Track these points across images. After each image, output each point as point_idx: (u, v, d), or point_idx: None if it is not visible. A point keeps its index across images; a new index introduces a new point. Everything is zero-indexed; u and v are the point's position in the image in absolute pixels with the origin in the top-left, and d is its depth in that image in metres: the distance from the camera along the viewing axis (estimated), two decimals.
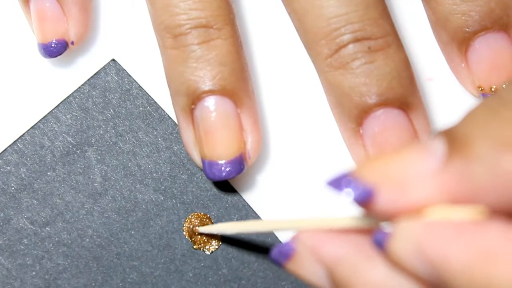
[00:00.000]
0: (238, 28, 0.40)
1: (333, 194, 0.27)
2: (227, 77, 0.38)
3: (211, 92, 0.38)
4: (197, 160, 0.39)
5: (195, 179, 0.41)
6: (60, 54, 0.41)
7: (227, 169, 0.38)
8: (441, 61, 0.42)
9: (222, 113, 0.38)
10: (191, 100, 0.38)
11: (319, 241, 0.29)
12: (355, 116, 0.38)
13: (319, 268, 0.29)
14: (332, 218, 0.29)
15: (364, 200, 0.26)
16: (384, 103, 0.38)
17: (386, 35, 0.38)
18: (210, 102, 0.38)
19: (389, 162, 0.27)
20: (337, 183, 0.27)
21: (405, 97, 0.38)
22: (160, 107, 0.42)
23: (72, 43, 0.41)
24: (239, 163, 0.39)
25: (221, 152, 0.38)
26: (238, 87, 0.39)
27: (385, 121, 0.38)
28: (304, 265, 0.30)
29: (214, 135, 0.38)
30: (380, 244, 0.27)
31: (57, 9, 0.40)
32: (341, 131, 0.40)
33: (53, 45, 0.41)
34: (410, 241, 0.25)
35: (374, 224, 0.28)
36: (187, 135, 0.39)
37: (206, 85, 0.38)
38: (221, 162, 0.38)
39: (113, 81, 0.42)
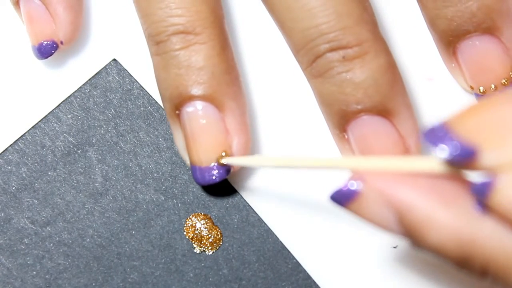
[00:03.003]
0: (223, 31, 0.39)
1: (428, 146, 0.27)
2: (207, 82, 0.38)
3: (192, 98, 0.38)
4: (188, 164, 0.40)
5: None
6: (51, 55, 0.41)
7: (212, 174, 0.39)
8: (441, 61, 0.42)
9: (203, 118, 0.38)
10: (175, 106, 0.39)
11: (391, 185, 0.29)
12: (337, 123, 0.38)
13: (387, 211, 0.29)
14: (403, 160, 0.29)
15: (463, 161, 0.26)
16: (361, 111, 0.38)
17: (363, 42, 0.37)
18: (191, 108, 0.38)
19: (487, 113, 0.26)
20: (433, 136, 0.27)
21: (384, 103, 0.38)
22: (161, 107, 0.42)
23: (62, 43, 0.41)
24: (223, 168, 0.39)
25: (205, 157, 0.38)
26: (219, 90, 0.38)
27: (365, 128, 0.38)
28: (369, 208, 0.29)
29: (197, 140, 0.38)
30: (482, 194, 0.27)
31: (43, 10, 0.41)
32: (331, 134, 0.40)
33: (42, 46, 0.41)
34: None
35: (456, 172, 0.28)
36: (178, 139, 0.39)
37: (187, 91, 0.38)
38: (206, 167, 0.39)
39: (114, 81, 0.42)
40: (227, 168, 0.39)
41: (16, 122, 0.42)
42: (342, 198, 0.30)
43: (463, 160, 0.26)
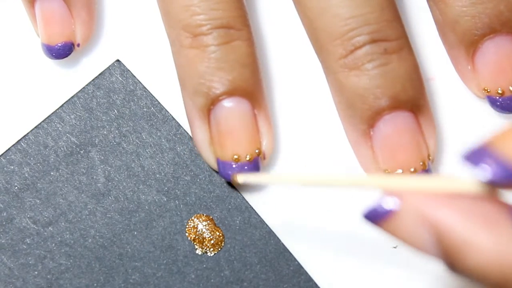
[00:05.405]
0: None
1: (468, 168, 0.25)
2: (248, 79, 0.38)
3: (231, 93, 0.38)
4: (211, 160, 0.39)
5: (198, 180, 0.41)
6: (66, 57, 0.41)
7: (244, 170, 0.39)
8: (443, 61, 0.42)
9: (241, 114, 0.38)
10: (211, 101, 0.38)
11: (429, 204, 0.27)
12: (367, 117, 0.38)
13: (424, 231, 0.27)
14: (439, 180, 0.27)
15: (507, 181, 0.25)
16: (397, 106, 0.38)
17: (400, 37, 0.38)
18: (230, 103, 0.38)
19: None
20: (474, 156, 0.26)
21: (417, 99, 0.38)
22: (164, 108, 0.42)
23: (78, 45, 0.41)
24: (256, 164, 0.39)
25: (239, 153, 0.38)
26: (257, 88, 0.39)
27: (396, 124, 0.38)
28: (405, 227, 0.28)
29: (233, 136, 0.38)
30: None
31: (65, 11, 0.40)
32: (348, 132, 0.40)
33: (59, 47, 0.41)
34: None
35: (493, 192, 0.26)
36: (202, 135, 0.39)
37: (227, 86, 0.38)
38: (238, 162, 0.39)
39: (117, 81, 0.42)
40: (257, 165, 0.39)
41: (19, 122, 0.42)
42: (377, 217, 0.28)
43: (507, 180, 0.25)
